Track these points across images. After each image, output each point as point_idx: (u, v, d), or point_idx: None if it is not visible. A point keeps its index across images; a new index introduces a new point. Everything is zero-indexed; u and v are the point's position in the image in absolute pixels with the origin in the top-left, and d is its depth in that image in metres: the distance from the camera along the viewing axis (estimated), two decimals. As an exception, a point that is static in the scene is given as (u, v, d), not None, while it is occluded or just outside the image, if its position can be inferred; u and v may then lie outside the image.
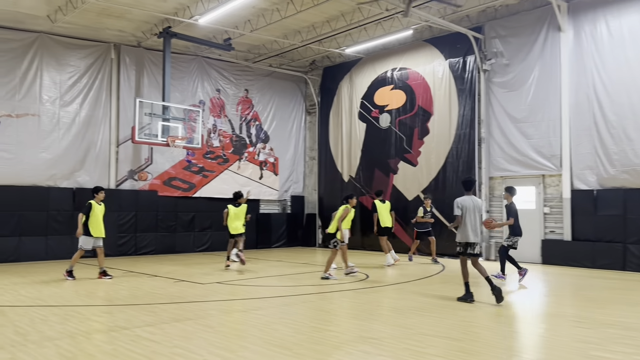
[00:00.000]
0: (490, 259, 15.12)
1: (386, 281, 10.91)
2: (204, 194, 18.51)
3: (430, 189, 16.59)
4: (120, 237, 16.39)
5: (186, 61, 18.23)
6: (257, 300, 8.83)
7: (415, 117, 17.32)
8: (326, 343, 5.82)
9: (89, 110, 16.32)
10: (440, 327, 6.64)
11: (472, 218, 8.41)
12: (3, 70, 14.87)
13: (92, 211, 11.17)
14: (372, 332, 6.34)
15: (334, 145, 20.14)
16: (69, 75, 16.03)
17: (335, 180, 19.89)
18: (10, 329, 6.44)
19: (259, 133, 20.27)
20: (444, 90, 16.54)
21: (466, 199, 8.54)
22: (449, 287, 9.92)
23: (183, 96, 18.03)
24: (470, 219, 8.39)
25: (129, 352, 5.42)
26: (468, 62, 15.92)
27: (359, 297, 9.06)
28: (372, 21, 15.31)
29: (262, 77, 20.25)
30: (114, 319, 7.10)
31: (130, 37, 16.63)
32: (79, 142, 16.09)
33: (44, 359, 5.19)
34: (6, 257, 14.31)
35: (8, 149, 14.85)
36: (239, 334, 6.26)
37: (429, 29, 16.86)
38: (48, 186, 15.39)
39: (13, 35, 15.08)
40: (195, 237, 18.17)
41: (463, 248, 8.48)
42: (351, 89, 19.56)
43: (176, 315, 7.39)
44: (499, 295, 8.07)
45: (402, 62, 17.83)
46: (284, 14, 14.68)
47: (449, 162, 16.24)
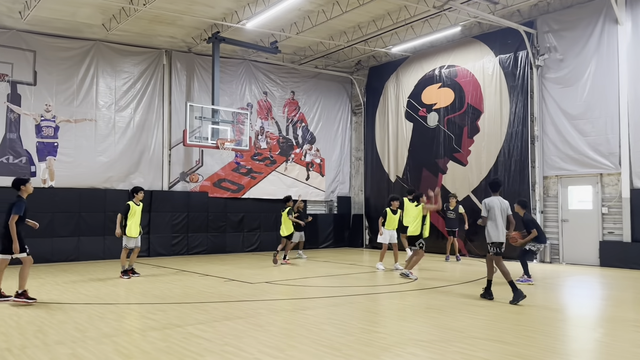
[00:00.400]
0: (546, 261, 14.63)
1: (434, 283, 10.73)
2: (252, 195, 18.80)
3: (480, 189, 16.24)
4: (173, 237, 16.88)
5: (234, 65, 18.58)
6: (305, 300, 8.88)
7: (464, 116, 16.99)
8: (374, 344, 5.79)
9: (143, 115, 16.89)
10: (492, 331, 6.48)
11: (499, 218, 8.59)
12: (62, 78, 15.60)
13: (131, 211, 11.54)
14: (421, 335, 6.25)
15: (381, 146, 20.01)
16: (123, 81, 16.64)
17: (382, 181, 19.75)
18: (70, 325, 6.73)
19: (305, 134, 20.40)
20: (494, 87, 16.14)
21: (494, 200, 8.72)
22: (499, 290, 9.66)
23: (231, 99, 18.38)
24: (497, 219, 8.58)
25: (182, 350, 5.56)
26: (520, 57, 15.47)
27: (407, 298, 8.96)
28: (419, 19, 15.12)
29: (308, 79, 20.37)
30: (167, 317, 7.31)
31: (181, 43, 17.11)
32: (134, 145, 16.68)
33: (101, 355, 5.39)
34: (67, 256, 14.99)
35: (67, 153, 15.56)
36: (288, 333, 6.31)
37: (478, 25, 16.50)
38: (105, 188, 16.02)
39: (71, 44, 15.80)
40: (244, 237, 18.48)
41: (496, 247, 8.63)
42: (398, 88, 19.38)
43: (227, 313, 7.53)
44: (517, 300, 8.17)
45: (450, 59, 17.52)
46: (329, 15, 14.72)
47: (501, 161, 15.83)
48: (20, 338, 6.06)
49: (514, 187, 15.34)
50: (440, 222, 16.66)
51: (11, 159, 14.77)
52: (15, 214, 8.18)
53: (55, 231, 14.67)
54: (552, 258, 14.66)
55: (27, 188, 8.56)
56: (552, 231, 14.79)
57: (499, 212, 8.59)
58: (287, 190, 19.48)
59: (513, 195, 15.37)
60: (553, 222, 14.85)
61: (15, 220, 8.17)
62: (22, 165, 14.90)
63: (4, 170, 14.61)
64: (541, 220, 14.89)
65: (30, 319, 7.16)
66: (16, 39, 14.92)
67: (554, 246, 14.70)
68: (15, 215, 8.18)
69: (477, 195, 16.37)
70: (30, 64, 15.15)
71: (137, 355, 5.37)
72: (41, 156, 15.21)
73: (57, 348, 5.62)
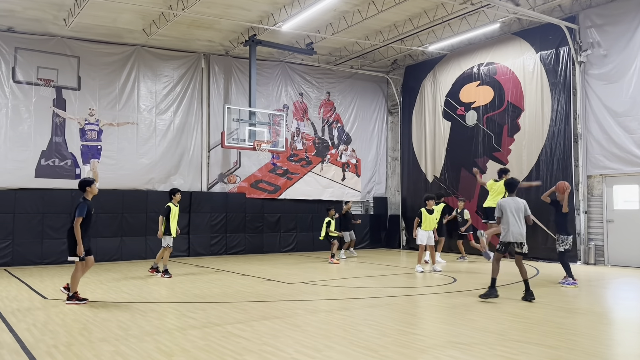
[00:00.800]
0: (590, 262, 14.19)
1: (474, 285, 10.55)
2: (288, 195, 18.92)
3: (521, 189, 15.85)
4: (212, 238, 17.17)
5: (270, 67, 18.75)
6: (342, 300, 8.88)
7: (504, 114, 16.64)
8: (412, 347, 5.73)
9: (182, 118, 17.25)
10: (533, 334, 6.32)
11: (513, 219, 8.59)
12: (105, 82, 16.09)
13: (172, 213, 11.93)
14: (460, 337, 6.16)
15: (417, 145, 19.81)
16: (163, 85, 17.03)
17: (419, 181, 19.55)
18: (113, 324, 6.93)
19: (341, 135, 20.39)
20: (535, 84, 15.75)
21: (508, 201, 8.80)
22: (541, 292, 9.43)
23: (268, 101, 18.56)
24: (510, 219, 8.59)
25: (221, 348, 5.65)
26: (561, 54, 15.06)
27: (445, 300, 8.84)
28: (456, 16, 14.89)
29: (343, 79, 20.36)
30: (207, 316, 7.43)
31: (219, 46, 17.38)
32: (174, 147, 17.04)
33: (144, 352, 5.53)
34: (110, 256, 15.44)
35: (110, 156, 16.04)
36: (325, 333, 6.32)
37: (518, 21, 16.14)
38: (146, 190, 16.43)
39: (113, 49, 16.27)
40: (281, 237, 18.63)
41: (503, 247, 8.70)
42: (435, 86, 19.15)
43: (265, 313, 7.61)
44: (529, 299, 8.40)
45: (489, 56, 17.19)
46: (365, 15, 14.67)
47: (542, 160, 15.43)
48: (66, 335, 6.28)
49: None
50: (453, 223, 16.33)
51: (57, 161, 15.33)
52: (79, 216, 8.25)
53: (99, 231, 15.12)
54: (597, 260, 14.19)
55: (92, 189, 8.64)
56: (596, 232, 14.33)
57: (510, 213, 8.61)
58: (323, 191, 19.59)
59: (555, 195, 14.96)
60: (598, 223, 14.38)
61: (80, 222, 8.26)
62: (68, 168, 15.45)
63: (51, 172, 15.18)
64: (585, 221, 14.46)
65: (76, 317, 7.41)
66: (61, 46, 15.48)
67: (599, 247, 14.24)
68: (79, 217, 8.25)
69: (518, 195, 15.94)
70: (75, 70, 15.69)
71: (177, 354, 5.48)
72: (85, 159, 15.73)
73: (101, 345, 5.80)
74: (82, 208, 8.35)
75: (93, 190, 8.68)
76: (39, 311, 7.84)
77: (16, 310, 7.93)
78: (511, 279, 11.13)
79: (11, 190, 14.55)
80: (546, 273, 12.16)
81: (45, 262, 14.59)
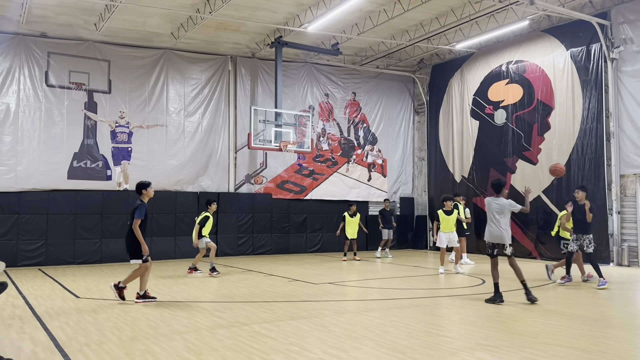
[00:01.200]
0: (623, 264, 13.82)
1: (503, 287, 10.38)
2: (314, 196, 18.95)
3: (552, 189, 15.58)
4: (239, 238, 17.33)
5: (296, 68, 18.82)
6: (368, 302, 8.85)
7: (534, 112, 16.34)
8: (440, 348, 5.68)
9: (210, 119, 17.45)
10: (564, 337, 6.19)
11: (490, 219, 8.52)
12: (134, 85, 16.40)
13: (208, 222, 12.28)
14: (489, 340, 6.07)
15: (445, 145, 19.61)
16: (191, 87, 17.27)
17: (447, 181, 19.34)
18: (144, 322, 7.06)
19: (366, 135, 20.33)
20: (565, 82, 15.42)
21: (489, 200, 8.70)
22: (572, 294, 9.23)
23: (294, 102, 18.63)
24: (488, 220, 8.54)
25: (248, 348, 5.69)
26: (593, 51, 14.71)
27: (474, 302, 8.73)
28: (484, 14, 14.69)
29: (369, 79, 20.30)
30: (234, 315, 7.50)
31: (245, 48, 17.53)
32: (202, 149, 17.26)
33: (173, 351, 5.62)
34: (140, 255, 15.70)
35: (140, 157, 16.33)
36: (351, 334, 6.31)
37: (547, 18, 15.83)
38: (175, 191, 16.68)
39: (143, 53, 16.57)
40: (307, 238, 18.67)
41: (489, 249, 8.67)
42: (462, 85, 18.92)
43: (291, 313, 7.64)
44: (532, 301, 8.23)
45: (518, 54, 16.91)
46: (391, 15, 14.60)
47: (573, 159, 15.10)
48: (98, 334, 6.41)
49: (588, 186, 14.54)
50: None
51: (89, 163, 15.69)
52: (138, 217, 8.42)
53: (129, 232, 15.43)
54: (631, 261, 13.81)
55: (148, 192, 8.79)
56: (630, 233, 13.95)
57: (490, 213, 8.51)
58: (349, 192, 19.56)
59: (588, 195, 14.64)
60: (631, 224, 13.99)
61: (139, 224, 8.42)
62: (99, 170, 15.79)
63: (83, 174, 15.55)
64: (618, 222, 14.09)
65: (107, 315, 7.57)
66: (92, 50, 15.84)
67: (633, 249, 13.85)
68: (138, 219, 8.42)
69: (548, 195, 15.70)
70: (105, 73, 16.03)
71: (206, 352, 5.54)
72: (116, 160, 16.05)
73: (131, 344, 5.91)
74: (141, 210, 8.49)
75: (149, 193, 8.81)
76: (72, 310, 8.04)
77: (50, 308, 8.14)
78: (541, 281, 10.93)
79: (45, 192, 14.95)
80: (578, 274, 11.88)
81: (77, 261, 14.95)
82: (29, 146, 14.89)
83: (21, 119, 14.85)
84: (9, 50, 14.82)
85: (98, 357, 5.35)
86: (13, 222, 14.43)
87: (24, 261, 14.35)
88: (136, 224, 8.40)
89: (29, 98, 15.00)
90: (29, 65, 15.05)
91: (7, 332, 6.47)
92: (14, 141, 14.71)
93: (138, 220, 8.43)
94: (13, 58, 14.86)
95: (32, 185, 14.82)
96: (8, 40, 14.80)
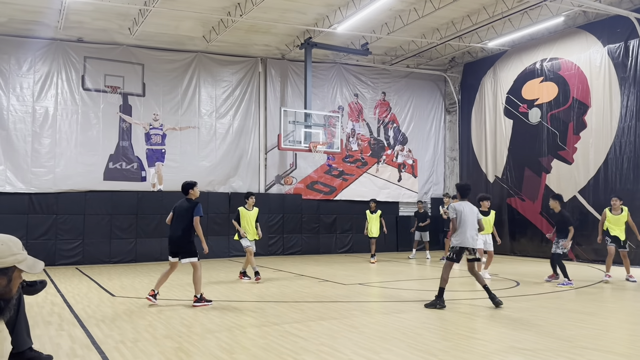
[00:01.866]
0: None
1: (537, 289, 10.16)
2: (344, 197, 18.93)
3: (588, 189, 15.17)
4: (270, 238, 17.44)
5: (326, 69, 18.83)
6: (399, 303, 8.78)
7: (569, 111, 15.94)
8: (474, 351, 5.59)
9: (241, 121, 17.63)
10: (602, 341, 6.01)
11: (470, 223, 8.25)
12: (168, 88, 16.69)
13: (242, 216, 11.52)
14: (524, 343, 5.94)
15: (477, 145, 19.31)
16: (223, 89, 17.48)
17: (479, 181, 19.04)
18: (177, 321, 7.17)
19: (396, 135, 20.19)
20: (602, 79, 15.00)
21: (463, 204, 8.41)
22: (611, 297, 8.96)
23: (323, 103, 18.65)
24: (468, 224, 8.23)
25: (279, 347, 5.72)
26: (631, 47, 14.26)
27: (508, 305, 8.55)
28: (517, 11, 14.40)
29: (399, 79, 20.15)
30: (265, 315, 7.55)
31: (275, 50, 17.64)
32: (233, 150, 17.45)
33: (205, 349, 5.68)
34: (173, 255, 15.97)
35: (174, 159, 16.62)
36: (382, 336, 6.27)
37: (583, 14, 15.42)
38: (207, 191, 16.89)
39: (175, 56, 16.85)
40: (337, 238, 18.66)
41: (456, 254, 8.31)
42: (495, 84, 18.60)
43: (321, 313, 7.64)
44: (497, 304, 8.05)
45: (553, 51, 16.52)
46: (421, 13, 14.46)
47: (611, 158, 14.67)
48: (133, 332, 6.54)
49: (626, 186, 14.16)
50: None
51: (124, 165, 16.04)
52: (198, 215, 8.41)
53: (164, 232, 15.68)
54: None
55: (195, 191, 8.72)
56: None
57: (467, 217, 8.25)
58: (379, 192, 19.45)
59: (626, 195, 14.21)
60: (674, 225, 13.49)
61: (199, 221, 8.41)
62: (134, 171, 16.13)
63: (118, 175, 15.91)
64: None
65: (142, 314, 7.71)
66: (126, 54, 16.19)
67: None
68: (198, 216, 8.41)
69: (584, 195, 15.30)
70: (139, 77, 16.37)
71: (237, 351, 5.59)
72: (150, 162, 16.38)
73: (165, 342, 6.00)
74: (199, 208, 8.46)
75: (196, 193, 8.72)
76: (107, 308, 8.22)
77: (86, 306, 8.35)
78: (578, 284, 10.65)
79: (81, 193, 15.36)
80: (616, 276, 11.54)
81: (113, 261, 15.30)
82: (66, 148, 15.32)
83: (59, 122, 15.29)
84: (48, 56, 15.28)
85: (133, 355, 5.45)
86: (51, 222, 14.87)
87: (62, 260, 14.76)
88: (198, 222, 8.36)
89: (66, 102, 15.43)
90: (67, 69, 15.49)
91: (46, 329, 6.66)
92: (52, 144, 15.16)
93: (198, 217, 8.38)
94: (51, 63, 15.32)
95: (69, 187, 15.24)
96: (47, 46, 15.26)
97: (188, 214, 8.42)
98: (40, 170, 14.97)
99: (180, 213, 8.51)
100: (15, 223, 14.09)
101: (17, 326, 4.85)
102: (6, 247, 3.10)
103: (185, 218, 8.42)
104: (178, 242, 8.46)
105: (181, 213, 8.50)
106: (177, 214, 8.56)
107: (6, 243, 3.11)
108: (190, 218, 8.38)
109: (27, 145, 14.87)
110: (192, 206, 8.48)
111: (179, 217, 8.51)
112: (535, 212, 16.72)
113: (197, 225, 8.39)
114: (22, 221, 14.48)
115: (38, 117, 15.07)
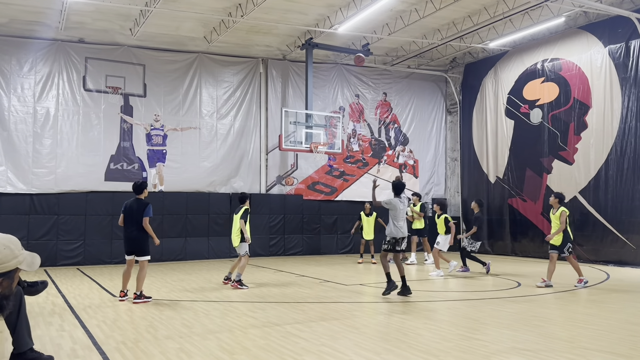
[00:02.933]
0: None
1: (540, 290, 10.15)
2: (345, 197, 18.92)
3: (589, 189, 15.15)
4: (270, 239, 17.45)
5: (327, 69, 18.84)
6: (400, 303, 8.77)
7: (570, 111, 15.93)
8: (475, 352, 5.58)
9: (242, 122, 17.64)
10: (604, 341, 6.01)
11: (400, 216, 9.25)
12: (169, 89, 16.71)
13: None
14: (525, 344, 5.94)
15: (478, 145, 19.30)
16: (224, 90, 17.49)
17: (481, 182, 19.04)
18: (178, 321, 7.17)
19: (397, 136, 20.18)
20: (603, 80, 14.99)
21: (397, 199, 9.39)
22: (613, 297, 8.95)
23: (324, 104, 18.66)
24: (398, 217, 9.20)
25: (281, 348, 5.72)
26: (632, 47, 14.25)
27: (509, 305, 8.56)
28: (518, 12, 14.40)
29: (400, 80, 20.15)
30: (266, 316, 7.55)
31: (276, 51, 17.65)
32: (234, 151, 17.46)
33: (206, 350, 5.69)
34: (175, 256, 16.00)
35: (175, 159, 16.63)
36: (383, 336, 6.27)
37: (584, 14, 15.41)
38: (208, 192, 16.91)
39: (176, 57, 16.87)
40: (338, 239, 18.66)
41: (391, 245, 9.21)
42: (496, 84, 18.60)
43: (323, 314, 7.64)
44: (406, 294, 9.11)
45: (554, 52, 16.52)
46: (422, 14, 14.47)
47: (612, 159, 14.66)
48: (134, 332, 6.55)
49: (627, 187, 14.15)
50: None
51: (125, 165, 16.06)
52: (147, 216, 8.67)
53: (164, 232, 15.71)
54: None
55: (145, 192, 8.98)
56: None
57: (402, 210, 9.31)
58: (380, 193, 19.31)
59: (627, 195, 14.23)
60: (675, 225, 13.49)
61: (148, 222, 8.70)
62: (135, 172, 16.14)
63: (119, 176, 15.92)
64: (661, 223, 13.61)
65: (142, 314, 7.71)
66: (127, 54, 16.21)
67: None
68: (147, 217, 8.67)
69: (585, 196, 15.28)
70: (140, 77, 16.38)
71: (239, 352, 5.59)
72: (151, 163, 16.39)
73: (166, 342, 6.01)
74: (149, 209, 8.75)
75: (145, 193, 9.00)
76: (108, 309, 8.23)
77: (87, 307, 8.36)
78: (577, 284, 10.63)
79: (82, 193, 15.37)
80: (617, 277, 11.53)
81: (114, 261, 15.30)
82: (67, 149, 15.33)
83: (60, 122, 15.31)
84: (49, 56, 15.30)
85: (134, 356, 5.45)
86: (53, 223, 14.89)
87: (63, 261, 14.78)
88: (147, 222, 8.67)
89: (67, 102, 15.45)
90: (68, 70, 15.50)
91: (47, 330, 6.67)
92: (53, 144, 15.17)
93: (148, 219, 8.69)
94: (52, 64, 15.33)
95: (70, 187, 15.26)
96: (48, 47, 15.28)
97: (139, 215, 8.66)
98: (41, 171, 14.99)
99: (132, 214, 8.75)
100: (16, 224, 14.11)
101: (18, 327, 4.86)
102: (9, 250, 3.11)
103: (138, 218, 8.67)
104: (135, 241, 8.74)
105: (132, 214, 8.74)
106: (128, 215, 8.78)
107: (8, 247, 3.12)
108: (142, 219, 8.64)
109: (28, 146, 14.89)
110: (143, 207, 8.71)
111: (131, 218, 8.74)
112: (537, 212, 16.71)
113: (146, 226, 8.65)
114: (23, 222, 14.50)
115: (39, 117, 15.08)
